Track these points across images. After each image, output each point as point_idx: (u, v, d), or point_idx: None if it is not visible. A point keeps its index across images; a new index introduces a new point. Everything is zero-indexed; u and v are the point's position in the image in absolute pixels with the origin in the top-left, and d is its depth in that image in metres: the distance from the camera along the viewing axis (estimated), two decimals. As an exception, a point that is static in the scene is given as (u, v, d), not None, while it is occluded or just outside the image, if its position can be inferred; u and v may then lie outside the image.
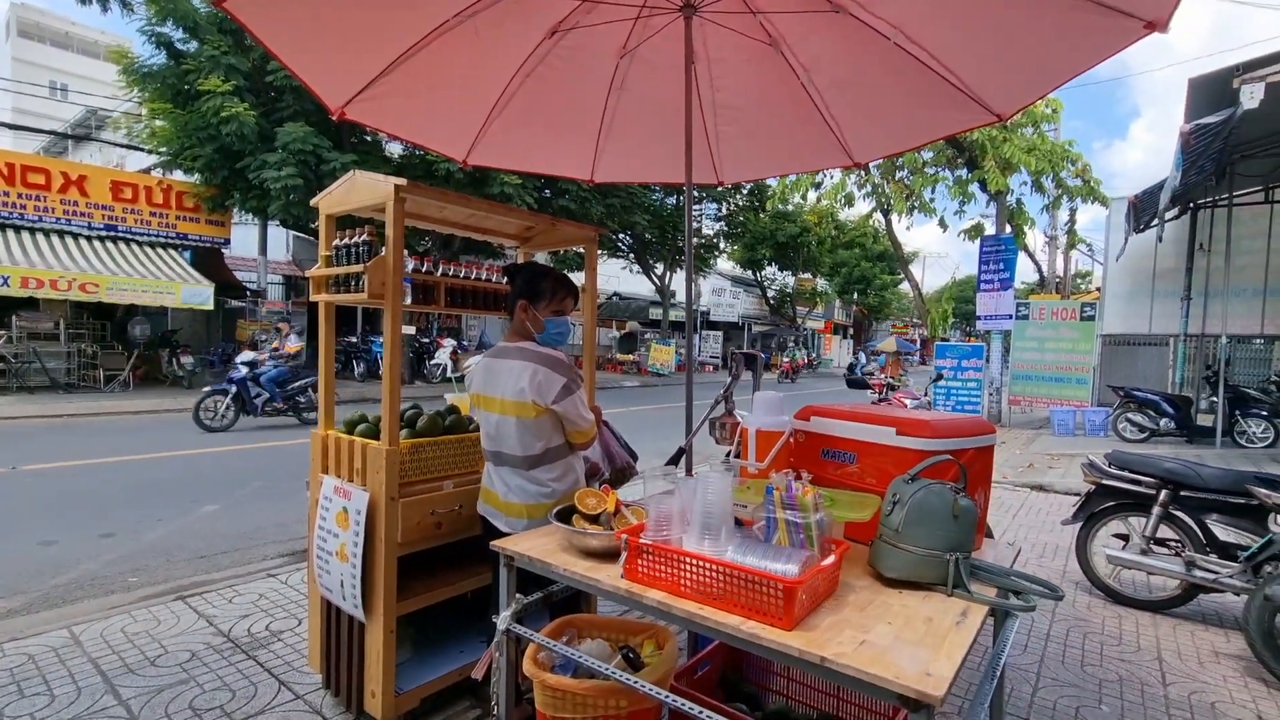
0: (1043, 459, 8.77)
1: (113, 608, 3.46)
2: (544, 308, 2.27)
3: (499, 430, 2.21)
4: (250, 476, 6.69)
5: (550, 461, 2.19)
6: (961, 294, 38.57)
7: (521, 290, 2.29)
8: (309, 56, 2.72)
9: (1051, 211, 15.17)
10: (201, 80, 12.02)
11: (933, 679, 1.12)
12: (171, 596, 3.59)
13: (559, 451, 2.20)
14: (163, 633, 3.15)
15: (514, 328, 2.30)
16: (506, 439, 2.19)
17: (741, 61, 3.20)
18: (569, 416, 2.16)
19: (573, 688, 1.82)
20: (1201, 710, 2.77)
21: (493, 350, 2.30)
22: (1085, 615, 3.74)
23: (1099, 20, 2.26)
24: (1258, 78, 5.92)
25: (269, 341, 14.61)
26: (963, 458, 1.68)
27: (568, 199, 15.47)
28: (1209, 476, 3.62)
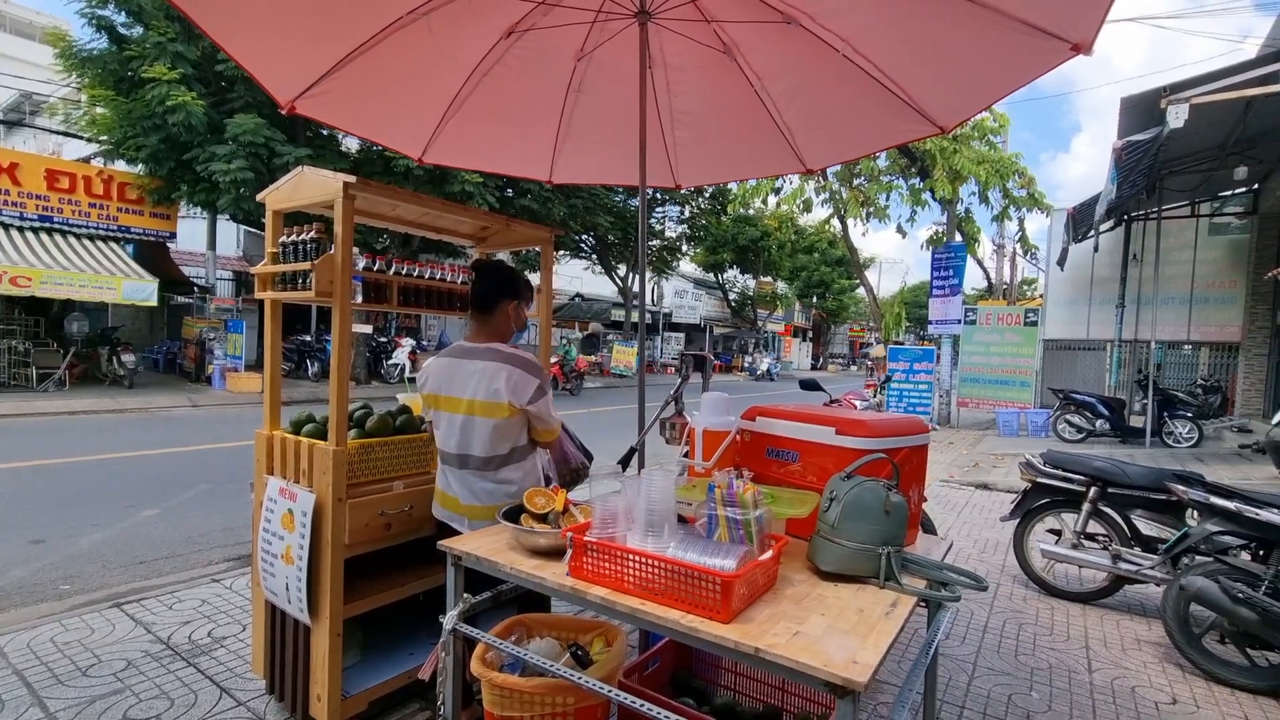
0: (987, 459, 9.12)
1: (42, 616, 3.30)
2: (526, 306, 2.33)
3: (464, 432, 2.17)
4: (195, 479, 6.45)
5: (516, 461, 2.21)
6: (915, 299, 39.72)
7: (506, 289, 2.28)
8: (258, 48, 2.66)
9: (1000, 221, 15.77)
10: (146, 67, 11.53)
11: (859, 666, 1.17)
12: (107, 604, 3.45)
13: (524, 450, 2.23)
14: (96, 642, 3.03)
15: (488, 326, 2.26)
16: (473, 440, 2.17)
17: (697, 68, 3.26)
18: (541, 416, 2.19)
19: (520, 686, 1.83)
20: (1123, 694, 2.94)
21: (454, 350, 2.25)
22: (1020, 607, 3.92)
23: (1030, 41, 2.39)
24: (1183, 99, 6.30)
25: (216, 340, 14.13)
26: (897, 456, 1.76)
27: (530, 199, 15.37)
28: (1133, 474, 3.84)
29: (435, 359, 2.29)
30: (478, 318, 2.28)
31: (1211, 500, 3.28)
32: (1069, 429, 10.84)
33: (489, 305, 2.26)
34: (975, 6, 2.33)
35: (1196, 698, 2.94)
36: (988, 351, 13.18)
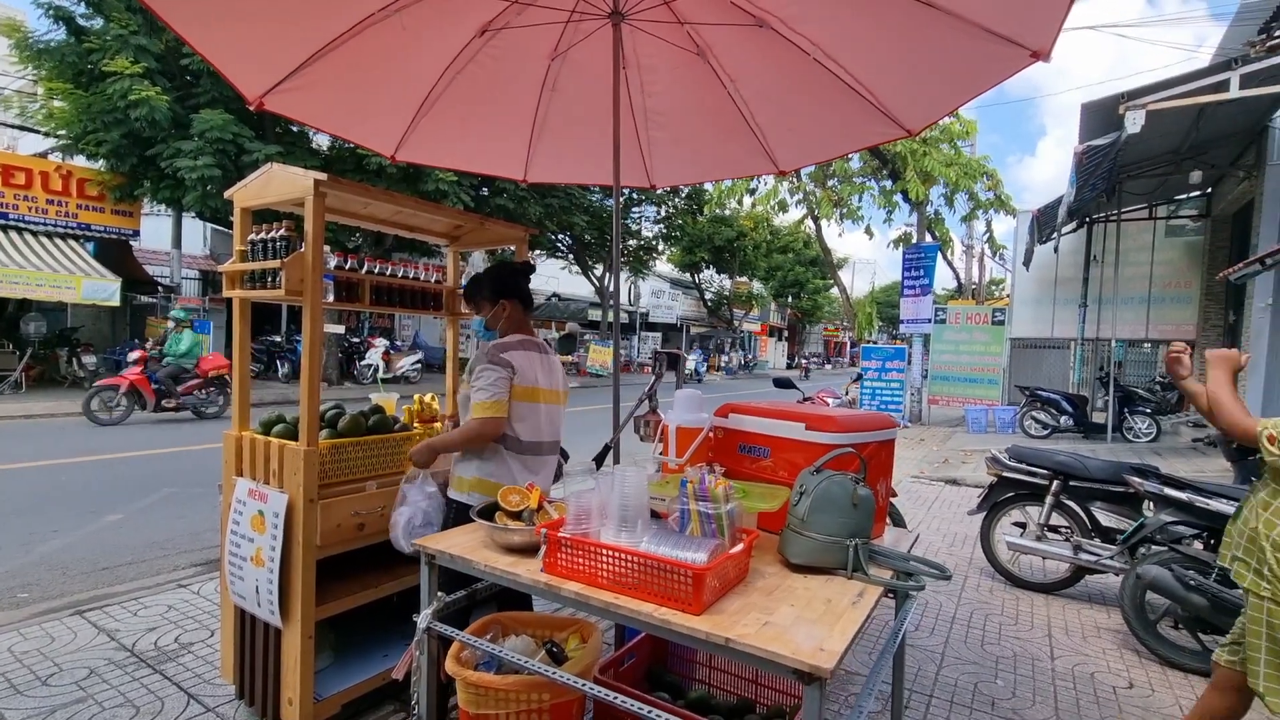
0: (957, 455, 9.32)
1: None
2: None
3: (556, 421, 2.40)
4: (160, 483, 6.29)
5: None
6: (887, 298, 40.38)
7: (524, 288, 2.45)
8: (225, 43, 2.61)
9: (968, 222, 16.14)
10: (107, 61, 11.19)
11: (825, 653, 1.21)
12: (67, 611, 3.36)
13: None
14: (57, 650, 2.95)
15: (523, 323, 2.40)
16: (559, 428, 2.41)
17: (671, 69, 3.29)
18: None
19: (494, 683, 1.84)
20: (1083, 680, 3.04)
21: (534, 343, 2.35)
22: (987, 598, 4.02)
23: (992, 48, 2.47)
24: (1140, 105, 6.52)
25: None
26: (864, 451, 1.81)
27: (505, 198, 15.27)
28: (1093, 468, 3.97)
29: (519, 352, 2.26)
30: (528, 313, 2.45)
31: (1165, 491, 3.41)
32: (1035, 425, 11.14)
33: (526, 305, 2.45)
34: (938, 14, 2.39)
35: (1152, 682, 3.06)
36: (957, 350, 13.48)
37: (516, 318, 2.38)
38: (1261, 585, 1.94)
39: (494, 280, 2.40)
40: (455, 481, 2.30)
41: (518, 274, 2.44)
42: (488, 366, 2.16)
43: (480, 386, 2.15)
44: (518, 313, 2.39)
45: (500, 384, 2.15)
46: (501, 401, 2.15)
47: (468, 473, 2.25)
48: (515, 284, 2.40)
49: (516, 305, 2.38)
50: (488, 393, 2.14)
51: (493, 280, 2.40)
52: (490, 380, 2.15)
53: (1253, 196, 9.61)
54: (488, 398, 2.13)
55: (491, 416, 2.13)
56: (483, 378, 2.15)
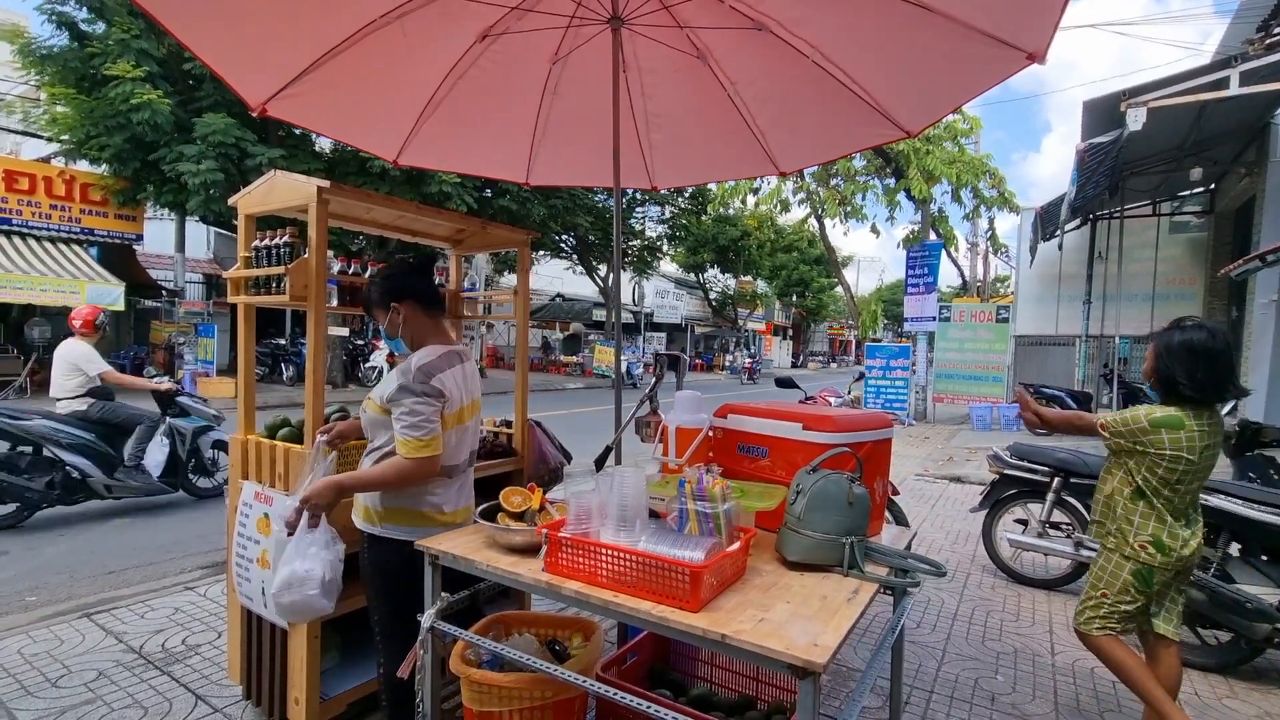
0: (961, 453, 9.32)
1: (7, 629, 3.24)
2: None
3: (476, 431, 2.18)
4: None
5: None
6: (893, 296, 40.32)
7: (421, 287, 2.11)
8: (227, 51, 2.65)
9: (972, 220, 16.13)
10: (109, 65, 11.26)
11: (819, 648, 1.23)
12: (76, 614, 3.40)
13: None
14: (65, 652, 2.99)
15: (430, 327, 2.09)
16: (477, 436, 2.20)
17: (671, 72, 3.31)
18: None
19: (498, 681, 1.87)
20: (1082, 674, 3.06)
21: (455, 354, 2.05)
22: (989, 595, 4.04)
23: (988, 50, 2.49)
24: (1141, 103, 6.53)
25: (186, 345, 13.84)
26: (861, 450, 1.83)
27: (508, 199, 15.30)
28: (1094, 464, 3.98)
29: (447, 374, 1.97)
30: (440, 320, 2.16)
31: (1165, 489, 3.41)
32: (1038, 423, 11.12)
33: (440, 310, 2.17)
34: (935, 17, 2.41)
35: (1152, 678, 3.07)
36: (961, 348, 13.47)
37: (417, 321, 2.04)
38: (1108, 538, 2.42)
39: (386, 281, 2.07)
40: (363, 512, 2.03)
41: (410, 273, 2.11)
42: (420, 400, 1.85)
43: (411, 423, 1.84)
44: (417, 316, 2.04)
45: (434, 419, 1.86)
46: (436, 438, 1.86)
47: (376, 502, 1.98)
48: (407, 284, 2.06)
49: (413, 307, 2.04)
50: (421, 430, 1.83)
51: (385, 282, 2.07)
52: (423, 417, 1.84)
53: (1254, 193, 9.59)
54: (421, 435, 1.83)
55: (426, 457, 1.84)
56: (417, 410, 1.84)
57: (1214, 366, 2.16)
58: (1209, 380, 2.16)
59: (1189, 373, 2.17)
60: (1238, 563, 3.16)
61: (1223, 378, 2.18)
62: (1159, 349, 2.29)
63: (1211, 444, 2.21)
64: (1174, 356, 2.21)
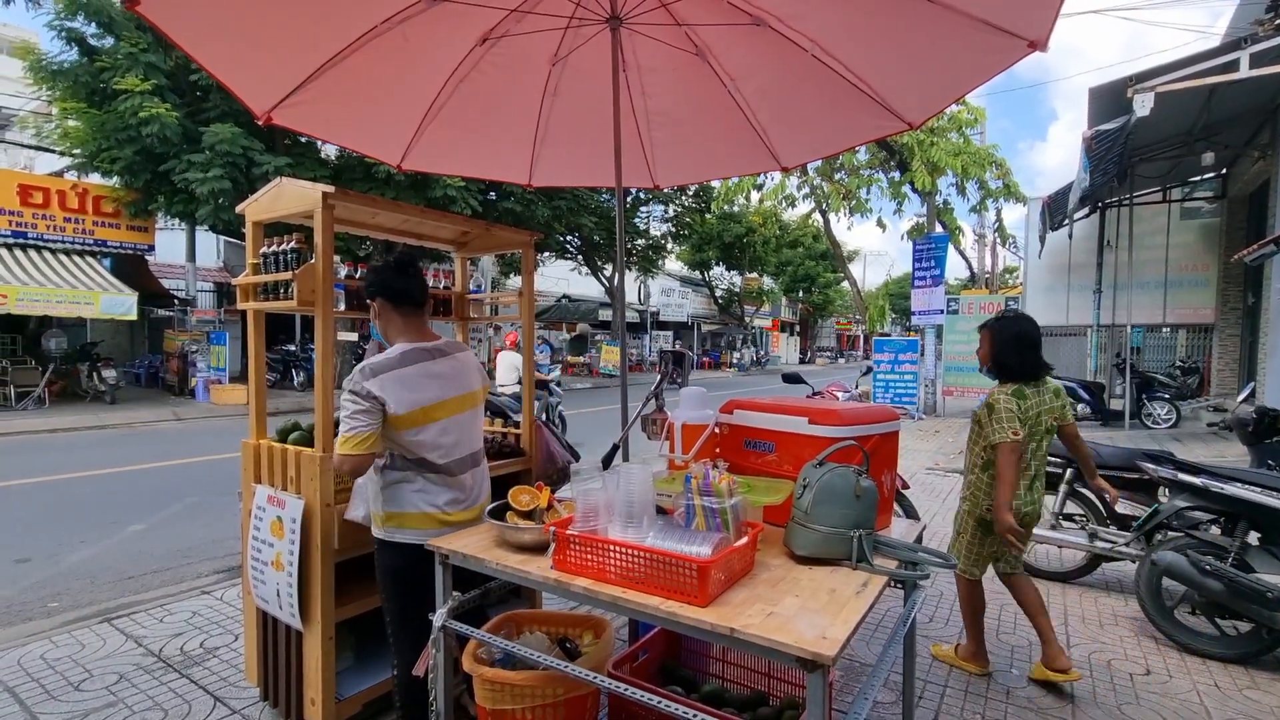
0: (972, 446, 9.25)
1: (31, 635, 3.30)
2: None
3: (471, 426, 2.16)
4: (182, 492, 6.42)
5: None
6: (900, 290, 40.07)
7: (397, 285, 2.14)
8: (231, 60, 2.68)
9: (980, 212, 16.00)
10: (118, 79, 11.41)
11: (827, 641, 1.23)
12: (96, 619, 3.45)
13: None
14: (87, 657, 3.03)
15: (405, 324, 2.12)
16: (479, 432, 2.24)
17: (671, 70, 3.31)
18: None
19: (510, 679, 1.88)
20: (1099, 668, 3.03)
21: (423, 350, 2.06)
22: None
23: (989, 39, 2.47)
24: (1148, 88, 6.45)
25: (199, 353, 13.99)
26: (868, 444, 1.83)
27: (513, 201, 15.35)
28: (1107, 455, 3.94)
29: (397, 373, 1.97)
30: (418, 317, 2.18)
31: (1180, 477, 3.38)
32: (1051, 414, 11.01)
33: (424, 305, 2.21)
34: (935, 7, 2.40)
35: (1170, 668, 3.04)
36: (970, 340, 13.34)
37: (387, 318, 2.12)
38: (965, 501, 3.03)
39: (364, 279, 2.27)
40: (372, 517, 2.09)
41: (384, 270, 2.14)
42: (348, 395, 1.90)
43: (341, 417, 1.90)
44: (386, 312, 2.11)
45: (362, 417, 1.87)
46: (363, 435, 1.85)
47: (378, 506, 2.04)
48: (378, 281, 2.12)
49: (384, 304, 2.10)
50: (348, 425, 1.86)
51: (363, 279, 2.28)
52: (350, 411, 1.87)
53: (1269, 176, 9.45)
54: (347, 430, 1.85)
55: (353, 454, 1.85)
56: (344, 406, 1.89)
57: (1036, 349, 2.75)
58: (1034, 360, 2.73)
59: (1019, 355, 2.73)
60: (1257, 551, 3.12)
61: (1040, 357, 2.77)
62: (995, 340, 2.80)
63: (1043, 412, 2.75)
64: (1009, 344, 2.75)
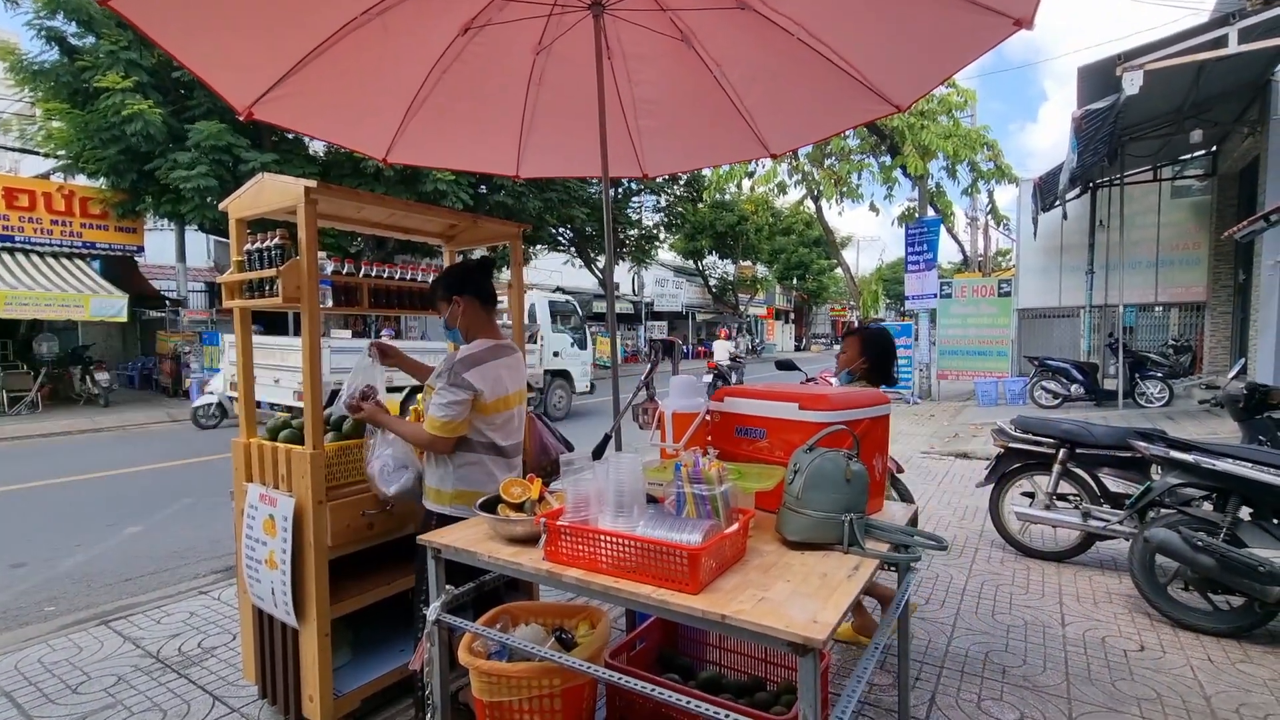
0: (966, 429, 9.30)
1: (27, 639, 3.29)
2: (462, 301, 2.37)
3: (524, 416, 2.44)
4: (177, 494, 6.41)
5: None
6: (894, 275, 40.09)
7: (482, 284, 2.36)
8: (210, 55, 2.64)
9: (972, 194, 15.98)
10: (100, 77, 11.26)
11: (818, 625, 1.23)
12: (93, 622, 3.44)
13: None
14: (84, 659, 3.03)
15: (484, 321, 2.33)
16: (524, 421, 2.45)
17: (656, 57, 3.28)
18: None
19: (506, 671, 1.88)
20: (1094, 645, 3.06)
21: (502, 347, 2.29)
22: (998, 569, 4.04)
23: (974, 18, 2.45)
24: (1137, 66, 6.43)
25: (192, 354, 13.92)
26: (858, 428, 1.82)
27: (504, 194, 15.27)
28: (1099, 434, 3.96)
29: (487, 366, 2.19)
30: (489, 315, 2.37)
31: (1171, 454, 3.40)
32: (1045, 395, 11.07)
33: (492, 305, 2.41)
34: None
35: (1163, 643, 3.07)
36: (964, 323, 13.39)
37: (474, 314, 2.31)
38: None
39: (447, 278, 2.37)
40: (433, 494, 2.23)
41: (473, 270, 2.38)
42: (448, 387, 2.11)
43: (439, 403, 2.10)
44: (474, 309, 2.31)
45: (457, 407, 2.10)
46: (455, 423, 2.10)
47: (447, 484, 2.20)
48: (470, 279, 2.34)
49: (473, 302, 2.31)
50: (445, 413, 2.09)
51: (446, 279, 2.37)
52: (449, 400, 2.09)
53: (1258, 153, 9.45)
54: (443, 417, 2.09)
55: (443, 437, 2.11)
56: (443, 395, 2.11)
57: (895, 356, 3.11)
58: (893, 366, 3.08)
59: (886, 361, 3.02)
60: (1248, 526, 3.15)
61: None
62: (867, 347, 3.02)
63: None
64: (881, 351, 3.02)
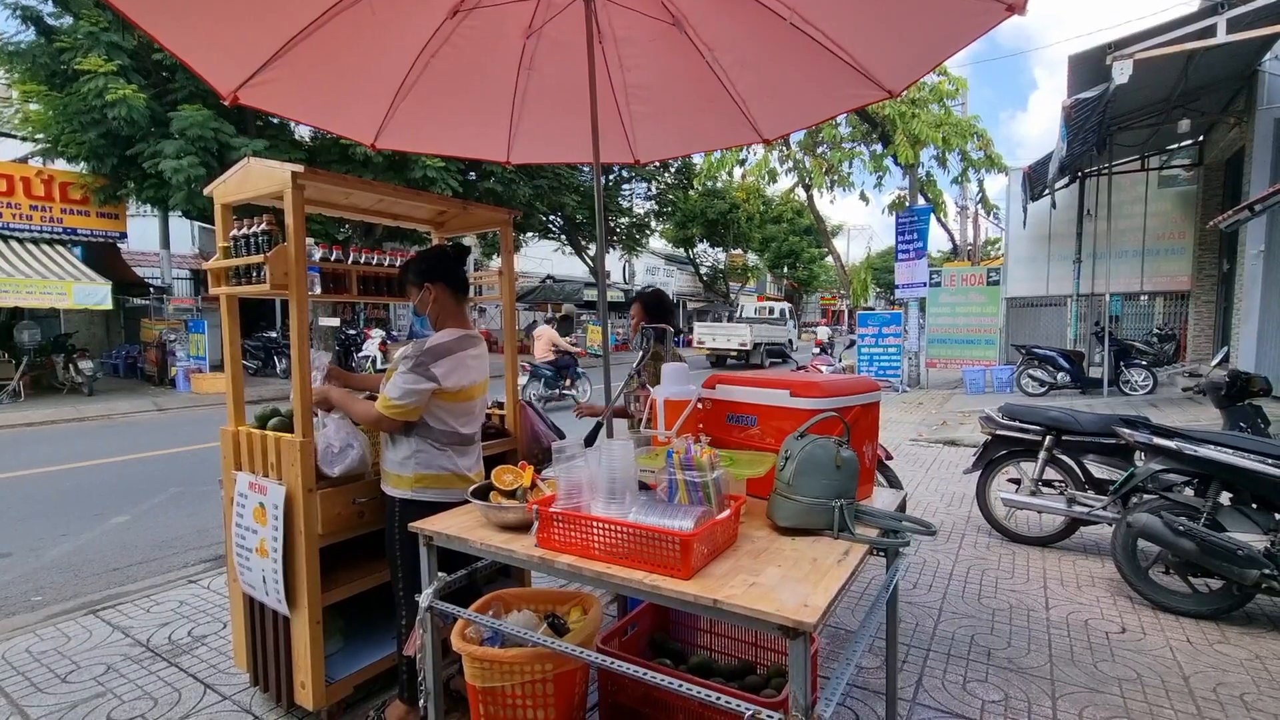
0: (955, 416, 9.39)
1: (15, 629, 3.26)
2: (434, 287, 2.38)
3: (485, 405, 2.53)
4: (165, 483, 6.36)
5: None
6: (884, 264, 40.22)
7: (454, 272, 2.36)
8: (193, 38, 2.58)
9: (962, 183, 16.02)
10: (80, 59, 11.01)
11: (809, 609, 1.25)
12: (82, 611, 3.42)
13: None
14: (74, 649, 3.01)
15: (454, 310, 2.32)
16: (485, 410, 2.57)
17: (648, 41, 3.24)
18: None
19: (499, 657, 1.89)
20: (1076, 627, 3.12)
21: (469, 338, 2.28)
22: (984, 554, 4.10)
23: (967, 3, 2.45)
24: (1127, 55, 6.45)
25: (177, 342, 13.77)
26: (848, 415, 1.84)
27: (494, 181, 15.13)
28: (1084, 421, 4.01)
29: (453, 358, 2.19)
30: (462, 304, 2.38)
31: (1154, 441, 3.45)
32: (1032, 383, 11.19)
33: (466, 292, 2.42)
34: (913, -29, 2.36)
35: (1144, 626, 3.14)
36: (953, 312, 13.49)
37: (445, 303, 2.29)
38: None
39: (420, 263, 2.34)
40: (393, 479, 2.24)
41: (446, 257, 2.35)
42: (410, 373, 2.11)
43: (398, 385, 2.10)
44: (446, 297, 2.29)
45: (415, 395, 2.10)
46: (409, 408, 2.11)
47: (407, 469, 2.20)
48: (442, 267, 2.31)
49: (444, 289, 2.29)
50: (401, 397, 2.09)
51: (419, 264, 2.34)
52: (410, 387, 2.09)
53: (1244, 143, 9.54)
54: (398, 400, 2.09)
55: (394, 418, 2.11)
56: (404, 379, 2.10)
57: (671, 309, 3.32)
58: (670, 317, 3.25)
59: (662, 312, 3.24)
60: (1228, 511, 3.21)
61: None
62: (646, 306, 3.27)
63: None
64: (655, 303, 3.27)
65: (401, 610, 2.25)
